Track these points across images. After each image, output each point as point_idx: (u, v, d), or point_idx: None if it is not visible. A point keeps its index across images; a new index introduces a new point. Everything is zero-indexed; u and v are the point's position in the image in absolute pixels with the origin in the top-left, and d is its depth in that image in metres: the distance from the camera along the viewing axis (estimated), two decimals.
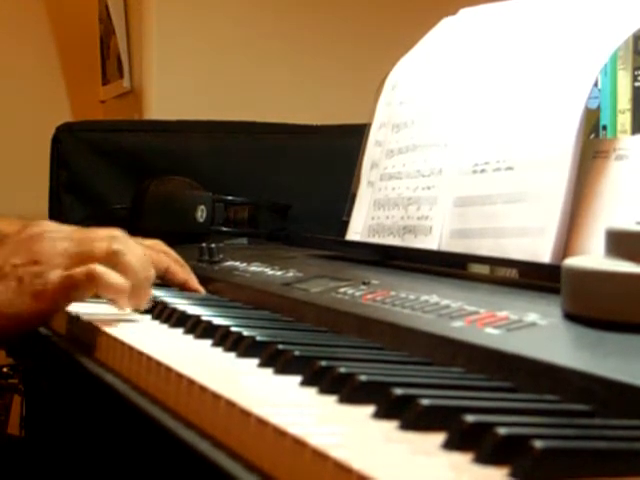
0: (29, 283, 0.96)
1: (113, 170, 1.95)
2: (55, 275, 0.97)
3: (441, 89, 1.22)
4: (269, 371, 0.73)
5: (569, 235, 0.97)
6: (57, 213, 1.94)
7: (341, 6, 2.56)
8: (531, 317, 0.75)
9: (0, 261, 0.98)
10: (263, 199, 1.86)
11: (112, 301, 0.98)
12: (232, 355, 0.80)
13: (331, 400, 0.63)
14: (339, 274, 1.07)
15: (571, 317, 0.74)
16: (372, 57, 2.34)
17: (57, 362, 1.03)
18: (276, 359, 0.74)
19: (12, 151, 2.80)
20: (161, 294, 1.11)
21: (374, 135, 1.33)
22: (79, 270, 0.96)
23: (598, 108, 1.18)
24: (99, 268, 0.96)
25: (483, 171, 1.08)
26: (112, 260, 0.98)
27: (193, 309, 1.00)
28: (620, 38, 1.02)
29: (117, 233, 1.01)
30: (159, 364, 0.76)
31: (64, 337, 1.04)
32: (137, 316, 1.03)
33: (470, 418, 0.52)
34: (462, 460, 0.50)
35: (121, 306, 0.97)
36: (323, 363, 0.68)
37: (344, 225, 1.33)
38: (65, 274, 0.96)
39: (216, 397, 0.64)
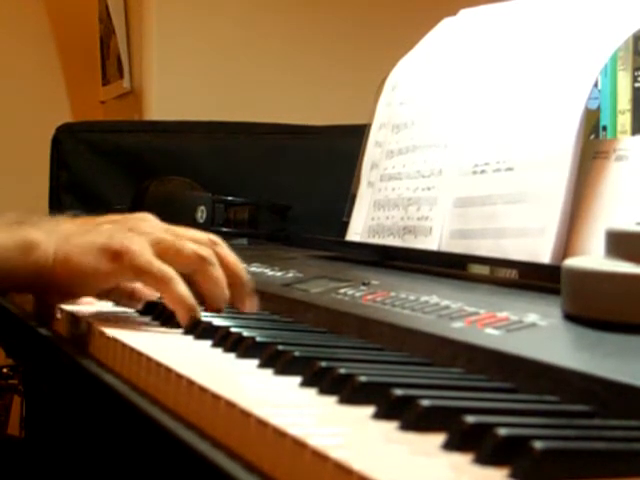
0: (116, 240, 0.94)
1: (113, 170, 1.95)
2: (140, 244, 0.94)
3: (441, 90, 1.22)
4: (269, 372, 0.73)
5: (569, 236, 0.97)
6: (57, 213, 1.93)
7: (341, 6, 2.56)
8: (531, 318, 0.75)
9: (101, 220, 1.00)
10: (263, 200, 1.86)
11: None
12: (232, 356, 0.80)
13: (331, 401, 0.63)
14: (339, 275, 1.07)
15: (571, 318, 0.74)
16: (372, 57, 2.34)
17: (57, 363, 1.03)
18: (276, 360, 0.74)
19: (12, 151, 2.81)
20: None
21: (374, 136, 1.33)
22: (159, 265, 0.93)
23: (598, 109, 1.18)
24: (171, 273, 0.93)
25: (483, 172, 1.09)
26: (197, 266, 0.95)
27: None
28: (620, 39, 1.02)
29: (218, 240, 1.00)
30: (159, 365, 0.76)
31: (64, 337, 1.04)
32: (138, 316, 1.03)
33: (470, 419, 0.52)
34: (462, 461, 0.50)
35: (179, 320, 0.93)
36: (323, 364, 0.68)
37: (344, 226, 1.33)
38: (148, 260, 0.93)
39: (216, 398, 0.64)
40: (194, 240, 0.98)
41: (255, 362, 0.76)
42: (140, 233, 0.96)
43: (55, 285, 0.98)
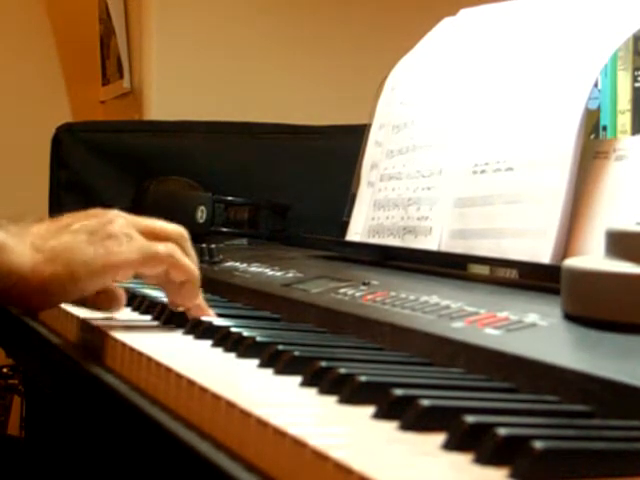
0: (102, 238, 0.91)
1: (113, 170, 1.95)
2: (132, 241, 0.92)
3: (441, 89, 1.22)
4: (269, 372, 0.73)
5: (569, 236, 0.97)
6: (57, 213, 1.92)
7: (341, 6, 2.56)
8: (531, 318, 0.75)
9: (65, 222, 0.95)
10: (263, 199, 1.86)
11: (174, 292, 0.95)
12: (232, 355, 0.80)
13: (331, 401, 0.63)
14: (339, 275, 1.07)
15: (571, 318, 0.74)
16: (372, 57, 2.33)
17: (57, 363, 1.03)
18: (276, 360, 0.74)
19: (12, 151, 2.80)
20: (161, 295, 1.10)
21: (374, 135, 1.33)
22: (161, 245, 0.93)
23: (598, 108, 1.18)
24: (178, 250, 0.93)
25: (483, 172, 1.08)
26: (182, 244, 0.96)
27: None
28: (620, 39, 1.02)
29: (185, 234, 0.98)
30: (159, 364, 0.76)
31: (64, 338, 1.04)
32: (137, 317, 1.03)
33: (470, 419, 0.52)
34: (462, 460, 0.50)
35: (189, 298, 0.94)
36: (323, 364, 0.68)
37: (344, 225, 1.33)
38: (148, 244, 0.92)
39: (216, 398, 0.64)
40: (166, 234, 0.96)
41: (255, 362, 0.76)
42: (119, 229, 0.93)
43: (30, 292, 0.92)
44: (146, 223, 0.96)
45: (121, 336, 0.88)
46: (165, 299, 1.08)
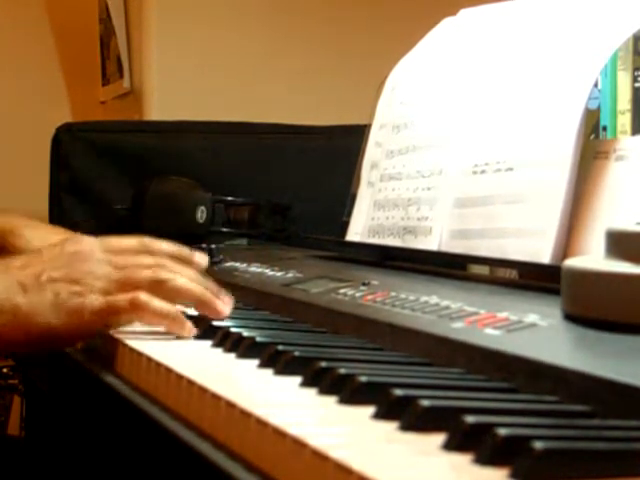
0: (65, 299, 0.90)
1: (113, 170, 1.95)
2: (94, 299, 0.90)
3: (441, 90, 1.22)
4: (269, 372, 0.73)
5: (569, 236, 0.97)
6: (57, 213, 1.94)
7: (341, 6, 2.56)
8: (531, 318, 0.75)
9: (38, 269, 0.92)
10: (263, 199, 1.86)
11: (168, 329, 0.91)
12: (232, 356, 0.80)
13: (331, 401, 0.63)
14: (339, 275, 1.07)
15: (571, 318, 0.74)
16: (372, 57, 2.34)
17: (57, 363, 1.03)
18: (276, 360, 0.74)
19: (12, 151, 2.80)
20: None
21: (374, 136, 1.33)
22: (122, 297, 0.90)
23: (598, 109, 1.18)
24: (143, 296, 0.90)
25: (483, 172, 1.08)
26: (157, 288, 0.92)
27: (193, 310, 1.00)
28: (620, 39, 1.02)
29: (165, 262, 0.95)
30: (159, 364, 0.76)
31: None
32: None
33: (470, 419, 0.52)
34: (462, 461, 0.50)
35: (177, 332, 0.91)
36: (323, 364, 0.68)
37: (344, 226, 1.33)
38: (108, 300, 0.90)
39: (216, 398, 0.64)
40: (142, 267, 0.94)
41: (255, 362, 0.76)
42: (85, 284, 0.91)
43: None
44: (116, 277, 0.92)
45: (122, 337, 0.88)
46: None
